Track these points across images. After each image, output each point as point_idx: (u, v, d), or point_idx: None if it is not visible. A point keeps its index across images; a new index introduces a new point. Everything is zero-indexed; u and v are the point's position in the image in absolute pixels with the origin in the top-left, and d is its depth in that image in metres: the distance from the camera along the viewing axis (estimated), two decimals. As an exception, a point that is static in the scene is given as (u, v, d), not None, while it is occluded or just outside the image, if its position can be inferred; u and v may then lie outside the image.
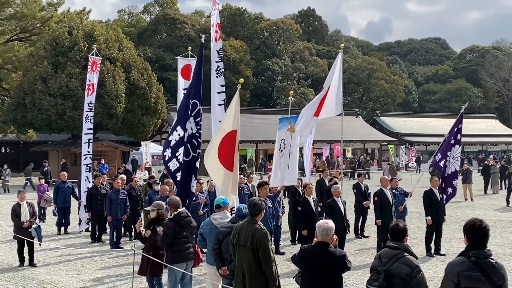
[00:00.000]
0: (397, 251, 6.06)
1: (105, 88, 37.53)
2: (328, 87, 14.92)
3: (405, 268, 5.89)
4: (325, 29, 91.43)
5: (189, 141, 11.31)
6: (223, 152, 11.05)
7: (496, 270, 5.36)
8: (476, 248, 5.47)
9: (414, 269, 5.89)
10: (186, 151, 11.28)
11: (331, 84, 14.97)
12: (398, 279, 5.87)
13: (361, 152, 56.56)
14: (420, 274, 5.89)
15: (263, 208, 7.63)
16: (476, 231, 5.52)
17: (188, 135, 11.36)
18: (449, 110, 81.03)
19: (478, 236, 5.51)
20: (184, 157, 11.27)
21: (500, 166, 32.07)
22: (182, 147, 11.46)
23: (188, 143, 11.30)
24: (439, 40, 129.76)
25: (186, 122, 11.50)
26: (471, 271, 5.36)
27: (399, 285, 5.86)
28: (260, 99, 72.74)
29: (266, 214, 10.21)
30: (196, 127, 11.33)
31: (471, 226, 5.57)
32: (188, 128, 11.39)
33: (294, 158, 13.61)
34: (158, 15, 75.17)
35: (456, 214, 21.00)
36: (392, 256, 6.03)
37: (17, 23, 44.17)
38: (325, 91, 14.89)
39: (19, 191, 13.55)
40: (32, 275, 12.25)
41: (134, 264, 10.02)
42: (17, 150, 53.16)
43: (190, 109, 11.44)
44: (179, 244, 8.84)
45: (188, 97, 11.79)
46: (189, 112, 11.44)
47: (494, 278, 5.33)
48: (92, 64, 19.02)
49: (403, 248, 6.09)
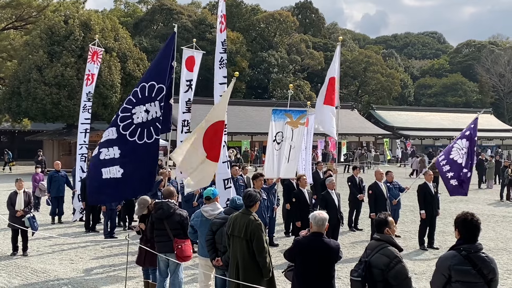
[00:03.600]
0: (379, 242, 6.13)
1: (101, 78, 37.41)
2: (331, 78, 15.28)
3: (384, 259, 5.94)
4: (322, 21, 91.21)
5: (153, 124, 11.10)
6: (208, 142, 10.84)
7: (487, 264, 5.38)
8: (467, 242, 5.49)
9: (392, 260, 5.91)
10: (148, 134, 11.04)
11: (335, 75, 15.36)
12: (377, 270, 5.94)
13: (355, 145, 56.67)
14: (399, 265, 5.89)
15: (257, 199, 7.66)
16: (467, 224, 5.54)
17: (152, 118, 11.13)
18: (445, 104, 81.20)
19: (469, 229, 5.53)
20: (147, 139, 11.05)
21: (495, 161, 32.16)
22: (139, 129, 11.17)
23: (151, 126, 11.08)
24: (436, 34, 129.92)
25: (149, 104, 11.22)
26: (462, 265, 5.40)
27: (378, 275, 5.93)
28: (256, 91, 72.63)
29: (260, 205, 10.23)
30: (160, 112, 11.15)
31: (462, 219, 5.59)
32: (151, 111, 11.15)
33: (296, 152, 13.64)
34: (155, 5, 74.85)
35: (450, 208, 21.07)
36: (375, 247, 6.11)
37: (12, 11, 43.99)
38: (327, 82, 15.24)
39: (17, 179, 13.53)
40: (26, 263, 12.25)
41: (128, 254, 10.03)
42: (12, 139, 53.01)
43: (155, 93, 11.20)
44: (156, 236, 9.10)
45: (150, 79, 11.48)
46: (153, 95, 11.21)
47: (485, 272, 5.36)
48: (93, 55, 18.93)
49: (385, 239, 6.13)
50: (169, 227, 8.95)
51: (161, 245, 9.04)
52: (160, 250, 9.05)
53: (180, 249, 8.86)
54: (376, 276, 5.93)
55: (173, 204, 9.15)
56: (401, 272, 5.89)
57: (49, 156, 38.36)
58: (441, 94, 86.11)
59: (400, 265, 5.90)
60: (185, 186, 11.43)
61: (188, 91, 14.61)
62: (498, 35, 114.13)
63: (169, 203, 9.10)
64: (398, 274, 5.88)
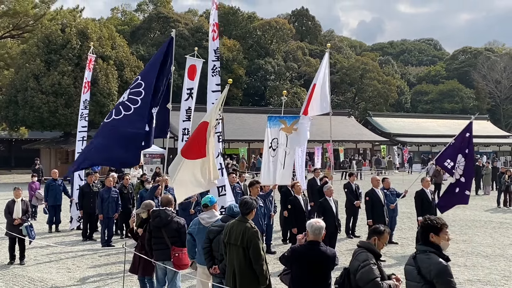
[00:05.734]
0: (359, 249, 6.19)
1: (98, 86, 37.48)
2: (313, 85, 15.03)
3: (356, 264, 6.01)
4: (318, 29, 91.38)
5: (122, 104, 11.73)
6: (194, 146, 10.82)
7: (426, 265, 5.44)
8: (423, 244, 5.64)
9: (361, 263, 5.95)
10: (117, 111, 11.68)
11: (316, 82, 15.06)
12: (353, 275, 6.02)
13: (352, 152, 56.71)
14: (365, 268, 5.88)
15: (254, 207, 7.66)
16: (423, 227, 5.73)
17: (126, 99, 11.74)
18: (441, 111, 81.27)
19: (423, 232, 5.70)
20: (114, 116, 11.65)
21: (492, 167, 32.20)
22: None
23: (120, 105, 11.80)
24: (432, 41, 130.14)
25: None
26: (409, 265, 5.65)
27: (353, 281, 6.02)
28: (252, 98, 72.67)
29: (257, 213, 10.23)
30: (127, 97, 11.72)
31: (421, 223, 5.79)
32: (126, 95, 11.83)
33: (291, 158, 13.61)
34: (152, 14, 74.94)
35: (447, 215, 21.01)
36: (354, 254, 6.19)
37: (9, 20, 43.98)
38: (310, 89, 15.03)
39: (15, 187, 13.52)
40: (23, 272, 12.22)
41: (125, 262, 10.02)
42: (9, 147, 52.92)
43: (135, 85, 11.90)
44: (154, 244, 9.09)
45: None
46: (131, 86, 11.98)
47: (423, 272, 5.43)
48: (89, 62, 19.13)
49: (364, 245, 6.19)
50: (167, 235, 8.95)
51: (159, 253, 9.03)
52: (158, 258, 9.04)
53: (177, 257, 8.86)
54: (352, 281, 6.02)
55: (170, 212, 9.15)
56: (364, 275, 5.85)
57: (47, 165, 38.34)
58: (438, 101, 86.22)
59: (366, 268, 5.87)
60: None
61: (189, 99, 14.61)
62: (494, 41, 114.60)
63: (167, 211, 9.11)
64: (362, 275, 5.86)
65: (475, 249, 14.77)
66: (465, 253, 14.18)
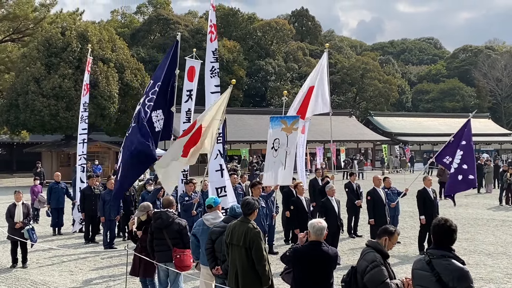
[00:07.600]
0: (367, 248, 6.13)
1: (98, 89, 37.50)
2: (308, 88, 14.97)
3: (364, 264, 5.94)
4: (318, 29, 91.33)
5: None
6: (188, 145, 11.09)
7: (448, 272, 5.15)
8: (437, 248, 5.36)
9: (369, 264, 5.87)
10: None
11: (313, 84, 15.02)
12: (359, 275, 5.97)
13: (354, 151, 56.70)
14: (375, 269, 5.81)
15: (256, 207, 7.65)
16: (438, 229, 5.40)
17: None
18: (442, 109, 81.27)
19: (439, 235, 5.38)
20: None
21: (493, 165, 32.16)
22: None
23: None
24: (432, 40, 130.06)
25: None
26: (422, 270, 5.34)
27: (360, 280, 5.96)
28: (253, 99, 72.69)
29: (259, 213, 10.22)
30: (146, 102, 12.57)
31: (434, 225, 5.45)
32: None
33: (291, 158, 13.61)
34: (152, 16, 74.95)
35: (450, 213, 21.05)
36: (362, 253, 6.13)
37: (9, 24, 44.06)
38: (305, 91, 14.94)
39: (16, 191, 13.52)
40: (25, 275, 12.22)
41: (127, 264, 10.01)
42: (10, 151, 52.95)
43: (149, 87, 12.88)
44: (156, 245, 9.08)
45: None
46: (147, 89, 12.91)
47: (445, 280, 5.15)
48: (87, 64, 19.35)
49: (372, 245, 6.12)
50: (168, 237, 8.94)
51: (160, 254, 9.02)
52: (159, 259, 9.03)
53: (179, 259, 8.85)
54: (359, 282, 5.97)
55: (172, 213, 9.15)
56: (374, 277, 5.80)
57: (48, 168, 38.32)
58: (439, 100, 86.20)
59: (376, 269, 5.81)
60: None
61: (188, 101, 14.67)
62: (495, 39, 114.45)
63: (168, 212, 9.10)
64: (372, 278, 5.80)
65: (478, 247, 14.75)
66: (468, 251, 14.16)
